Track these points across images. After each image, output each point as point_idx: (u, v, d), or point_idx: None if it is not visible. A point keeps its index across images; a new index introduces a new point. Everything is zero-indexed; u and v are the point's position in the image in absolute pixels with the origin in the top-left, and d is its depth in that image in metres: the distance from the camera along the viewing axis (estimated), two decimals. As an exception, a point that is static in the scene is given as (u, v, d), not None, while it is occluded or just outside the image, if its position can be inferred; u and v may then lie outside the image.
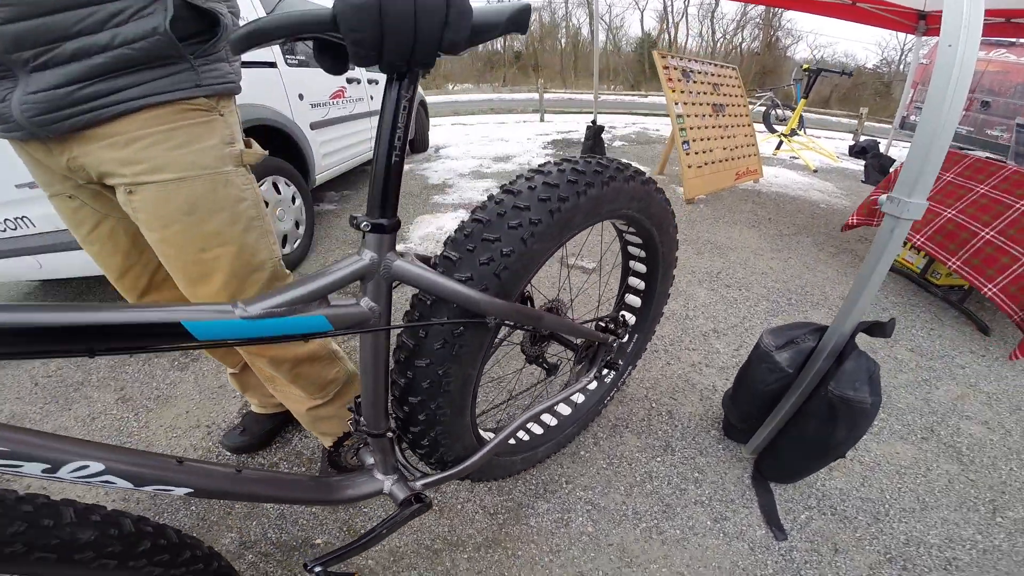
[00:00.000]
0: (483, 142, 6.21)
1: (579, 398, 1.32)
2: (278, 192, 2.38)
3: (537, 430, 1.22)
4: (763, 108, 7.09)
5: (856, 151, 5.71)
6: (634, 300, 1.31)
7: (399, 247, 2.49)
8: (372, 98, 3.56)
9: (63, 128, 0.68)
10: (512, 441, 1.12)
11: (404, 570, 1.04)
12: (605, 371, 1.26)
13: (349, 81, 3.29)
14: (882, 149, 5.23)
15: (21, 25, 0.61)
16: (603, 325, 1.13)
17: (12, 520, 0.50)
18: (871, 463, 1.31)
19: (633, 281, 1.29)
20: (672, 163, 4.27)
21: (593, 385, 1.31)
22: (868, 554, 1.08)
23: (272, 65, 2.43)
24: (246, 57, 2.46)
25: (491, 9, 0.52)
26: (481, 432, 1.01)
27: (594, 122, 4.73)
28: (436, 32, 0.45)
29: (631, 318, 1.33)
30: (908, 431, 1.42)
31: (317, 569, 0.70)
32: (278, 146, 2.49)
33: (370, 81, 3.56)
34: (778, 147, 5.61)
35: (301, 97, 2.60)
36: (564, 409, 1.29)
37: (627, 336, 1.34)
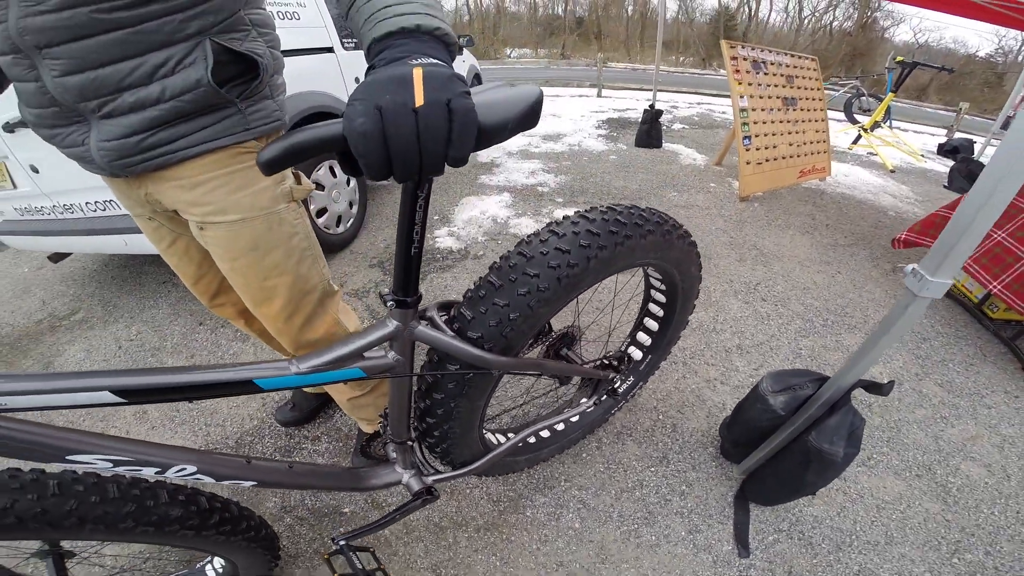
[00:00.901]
0: (536, 118, 6.14)
1: (588, 408, 1.41)
2: (334, 175, 2.55)
3: (544, 434, 1.34)
4: (846, 96, 6.52)
5: (946, 150, 5.15)
6: (652, 325, 1.38)
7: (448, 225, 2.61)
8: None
9: (136, 171, 0.77)
10: (530, 440, 1.27)
11: (414, 541, 1.23)
12: (604, 397, 1.35)
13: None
14: (977, 151, 4.73)
15: (78, 78, 0.67)
16: (607, 363, 1.22)
17: (126, 502, 0.69)
18: (855, 494, 1.35)
19: (652, 308, 1.35)
20: (732, 153, 4.09)
21: (593, 407, 1.41)
22: (818, 580, 1.15)
23: (330, 50, 2.53)
24: (304, 44, 2.52)
25: (498, 113, 0.50)
26: (489, 436, 1.15)
27: (652, 106, 4.57)
28: (440, 151, 0.45)
29: (647, 339, 1.40)
30: (904, 467, 1.44)
31: (341, 542, 0.89)
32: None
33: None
34: (856, 141, 5.19)
35: (357, 80, 2.71)
36: (572, 417, 1.39)
37: (631, 370, 1.42)
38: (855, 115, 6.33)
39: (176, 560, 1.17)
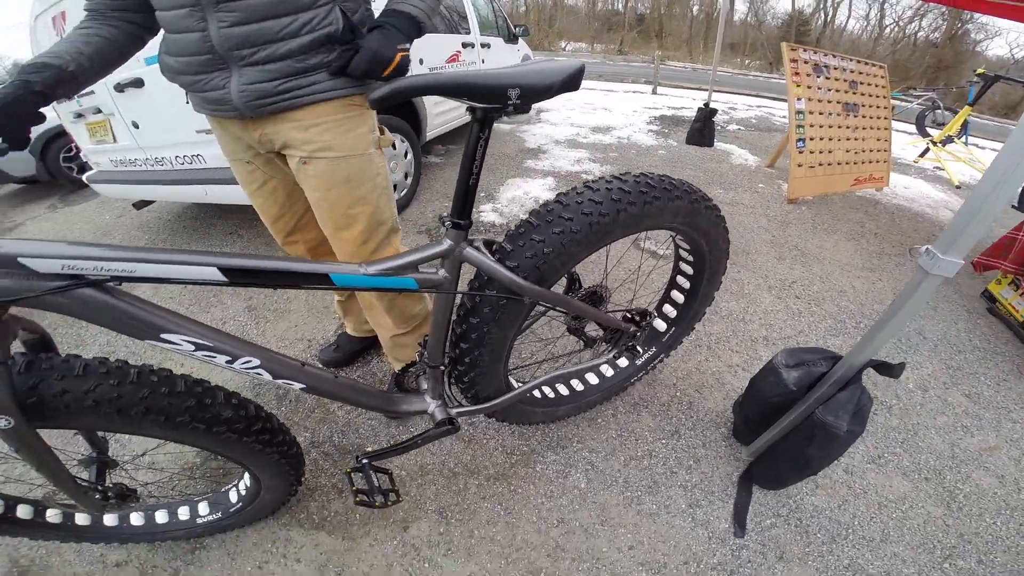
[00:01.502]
0: (585, 110, 6.17)
1: (606, 372, 1.50)
2: (394, 148, 2.72)
3: (563, 391, 1.44)
4: (920, 108, 6.18)
5: (1023, 170, 4.82)
6: (678, 296, 1.45)
7: (487, 210, 2.74)
8: (484, 62, 3.75)
9: (265, 111, 0.96)
10: (537, 394, 1.36)
11: (427, 484, 1.33)
12: (627, 355, 1.43)
13: (464, 46, 3.50)
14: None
15: (244, 28, 0.85)
16: (629, 316, 1.29)
17: (189, 396, 0.81)
18: (859, 489, 1.37)
19: (680, 280, 1.43)
20: (786, 156, 4.00)
21: (616, 365, 1.49)
22: (807, 569, 1.17)
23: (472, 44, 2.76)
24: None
25: (547, 77, 0.72)
26: (513, 381, 1.26)
27: (706, 104, 4.52)
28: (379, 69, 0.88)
29: (672, 311, 1.47)
30: (915, 469, 1.44)
31: (364, 461, 1.01)
32: (398, 107, 2.80)
33: (483, 45, 3.74)
34: (923, 153, 4.93)
35: (421, 62, 2.87)
36: (590, 379, 1.48)
37: (648, 329, 1.48)
38: (927, 128, 5.99)
39: (204, 483, 1.32)
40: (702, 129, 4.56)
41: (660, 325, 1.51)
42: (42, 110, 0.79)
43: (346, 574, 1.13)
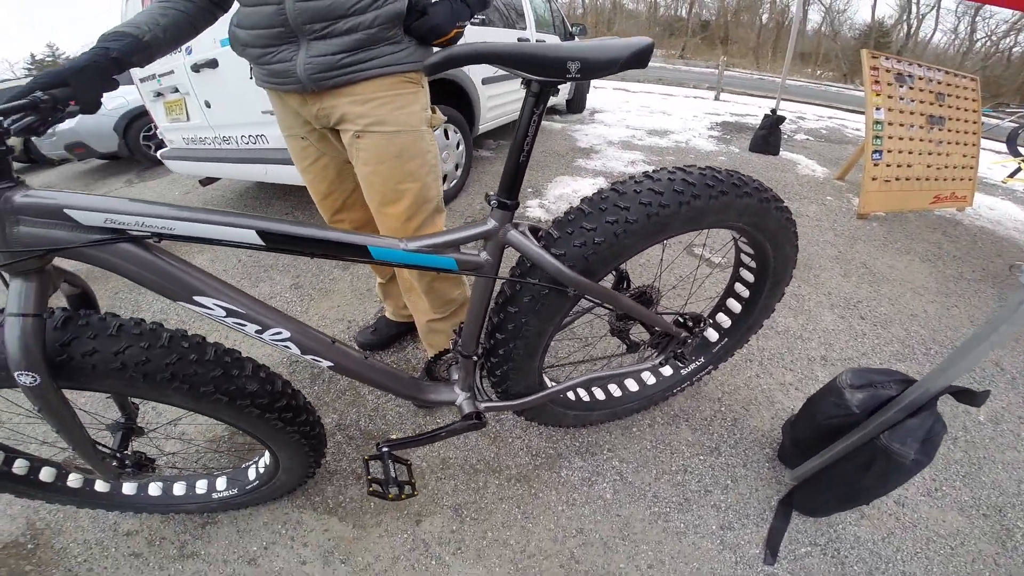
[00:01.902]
0: (642, 112, 6.02)
1: (647, 380, 1.42)
2: (447, 137, 2.74)
3: (599, 395, 1.37)
4: (1012, 125, 5.64)
5: None
6: (735, 305, 1.35)
7: (533, 203, 2.71)
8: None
9: (327, 84, 0.98)
10: (571, 396, 1.30)
11: (446, 478, 1.29)
12: (674, 363, 1.33)
13: (519, 41, 3.48)
14: None
15: (317, 3, 0.88)
16: (681, 321, 1.20)
17: (216, 366, 0.78)
18: (909, 522, 1.23)
19: (738, 287, 1.32)
20: (859, 169, 3.74)
21: (660, 373, 1.40)
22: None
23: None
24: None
25: (610, 52, 0.67)
26: (547, 380, 1.20)
27: (773, 111, 4.29)
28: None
29: (726, 321, 1.38)
30: (973, 504, 1.29)
31: (384, 449, 0.98)
32: (453, 98, 2.82)
33: (538, 42, 3.71)
34: (1013, 174, 4.50)
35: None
36: (629, 385, 1.41)
37: (701, 337, 1.39)
38: (1020, 147, 5.46)
39: (228, 457, 1.33)
40: (767, 136, 4.33)
41: (712, 335, 1.41)
42: (126, 92, 0.84)
43: (350, 563, 1.11)
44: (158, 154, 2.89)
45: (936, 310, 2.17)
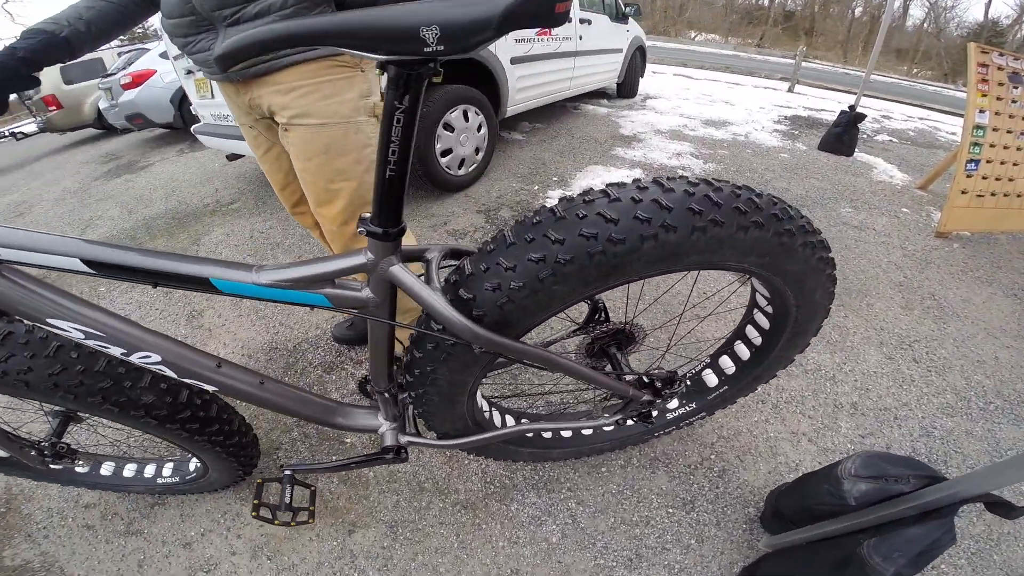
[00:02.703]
0: (701, 101, 5.54)
1: (602, 429, 1.23)
2: (466, 120, 2.60)
3: (565, 432, 1.22)
4: None
5: None
6: (743, 351, 1.13)
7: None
8: (581, 38, 3.44)
9: (248, 74, 0.91)
10: (529, 435, 1.15)
11: (391, 492, 1.24)
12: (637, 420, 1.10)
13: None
14: None
15: None
16: (648, 381, 0.96)
17: (106, 378, 0.78)
18: None
19: (750, 331, 1.08)
20: (948, 179, 3.21)
21: (613, 427, 1.22)
22: None
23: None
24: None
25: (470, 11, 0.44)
26: (488, 416, 1.06)
27: (852, 107, 3.77)
28: None
29: (730, 366, 1.17)
30: None
31: (287, 472, 0.91)
32: (476, 77, 2.65)
33: (582, 20, 3.42)
34: None
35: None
36: (583, 431, 1.23)
37: (697, 395, 1.21)
38: None
39: (169, 445, 1.30)
40: (842, 135, 3.81)
41: (711, 379, 1.21)
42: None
43: (276, 561, 1.11)
44: (192, 129, 2.97)
45: (1010, 357, 1.78)
